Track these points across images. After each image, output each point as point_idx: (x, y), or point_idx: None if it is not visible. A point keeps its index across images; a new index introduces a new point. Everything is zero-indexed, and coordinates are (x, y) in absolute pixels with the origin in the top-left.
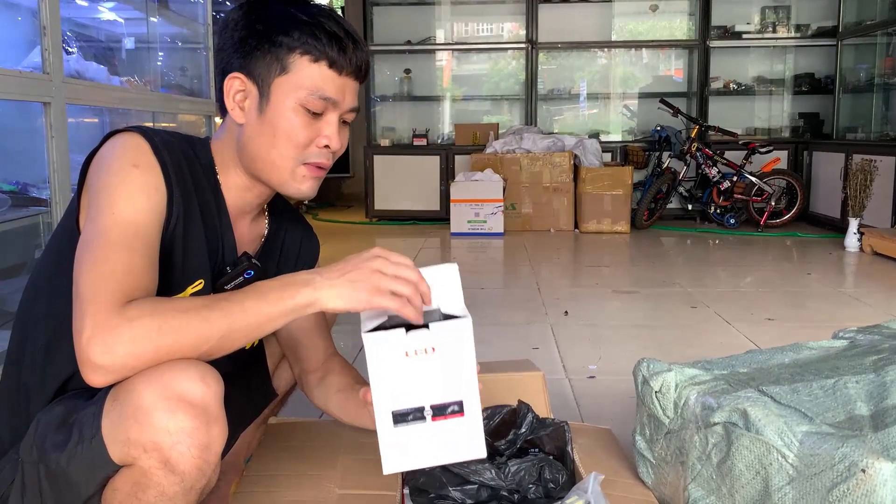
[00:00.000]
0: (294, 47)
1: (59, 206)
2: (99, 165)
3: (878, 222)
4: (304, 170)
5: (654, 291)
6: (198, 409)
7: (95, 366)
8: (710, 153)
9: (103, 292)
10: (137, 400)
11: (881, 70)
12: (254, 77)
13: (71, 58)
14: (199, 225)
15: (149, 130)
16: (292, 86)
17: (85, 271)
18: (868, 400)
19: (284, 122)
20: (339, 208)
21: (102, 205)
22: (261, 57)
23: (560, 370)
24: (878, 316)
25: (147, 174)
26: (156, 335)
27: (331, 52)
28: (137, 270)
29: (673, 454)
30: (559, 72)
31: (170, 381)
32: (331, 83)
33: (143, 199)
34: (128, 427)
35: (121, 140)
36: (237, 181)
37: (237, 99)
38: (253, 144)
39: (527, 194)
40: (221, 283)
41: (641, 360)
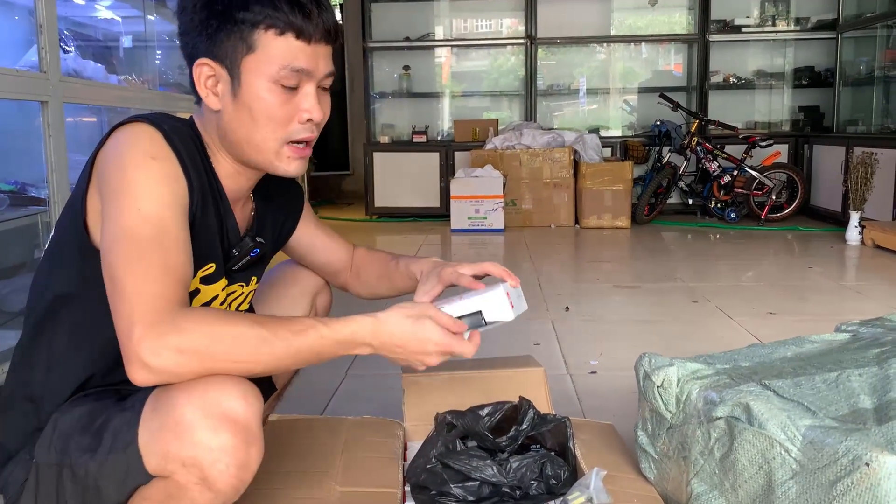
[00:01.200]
0: (257, 23)
1: (58, 206)
2: (111, 160)
3: (880, 215)
4: (289, 150)
5: (655, 286)
6: (239, 427)
7: (143, 364)
8: (710, 147)
9: (149, 292)
10: (179, 414)
11: (881, 63)
12: (221, 60)
13: (68, 56)
14: (210, 210)
15: (155, 119)
16: (262, 64)
17: (123, 272)
18: (871, 393)
19: (260, 102)
20: (339, 206)
21: (124, 202)
22: (225, 38)
23: (561, 366)
24: (880, 309)
25: (166, 165)
26: (203, 353)
27: (295, 21)
28: (173, 265)
29: (675, 449)
30: (558, 67)
31: (214, 398)
32: (301, 54)
33: (166, 192)
34: (168, 441)
35: (131, 131)
36: (227, 168)
37: (209, 85)
38: (232, 129)
39: (527, 190)
40: (230, 266)
41: (643, 354)
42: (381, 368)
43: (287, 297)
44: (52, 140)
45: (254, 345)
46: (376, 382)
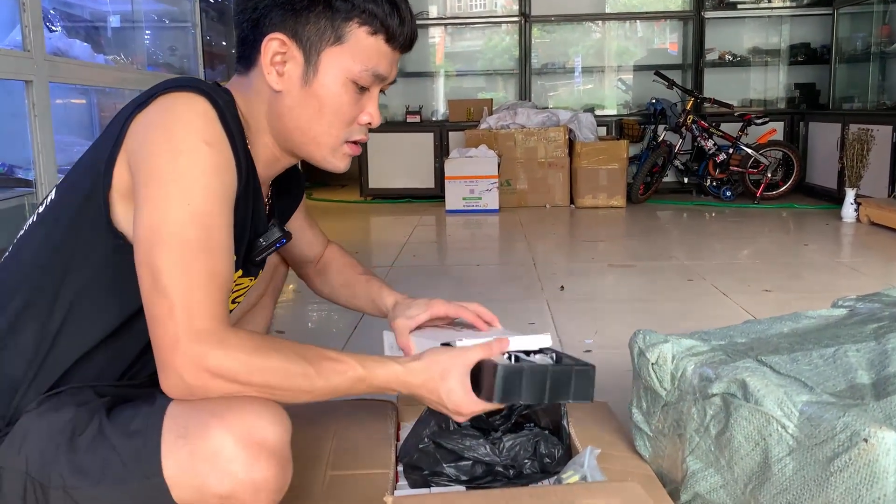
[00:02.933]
0: (352, 15)
1: (44, 187)
2: (159, 137)
3: (875, 192)
4: (347, 148)
5: (650, 265)
6: (276, 456)
7: (181, 378)
8: (705, 125)
9: (196, 303)
10: (216, 445)
11: (877, 39)
12: (300, 41)
13: (54, 35)
14: (249, 198)
15: (207, 90)
16: (345, 58)
17: (169, 276)
18: (869, 368)
19: (333, 97)
20: (333, 187)
21: (174, 193)
22: (313, 20)
23: (556, 345)
24: (876, 285)
25: (220, 152)
26: (244, 380)
27: (390, 24)
28: (220, 272)
29: (670, 427)
30: (553, 46)
31: (250, 426)
32: (385, 59)
33: (218, 187)
34: (202, 473)
35: (182, 104)
36: (266, 153)
37: (276, 62)
38: (292, 115)
39: (522, 170)
40: (254, 256)
41: (637, 331)
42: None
43: None
44: (37, 120)
45: (297, 382)
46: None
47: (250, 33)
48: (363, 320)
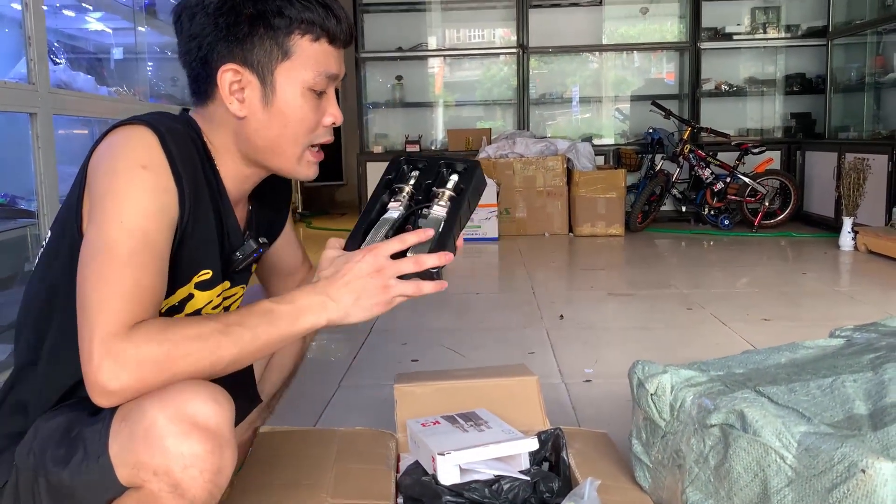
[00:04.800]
0: (292, 29)
1: (47, 218)
2: (102, 165)
3: (872, 221)
4: (310, 154)
5: (649, 293)
6: (210, 432)
7: (104, 390)
8: (702, 155)
9: (113, 313)
10: (148, 422)
11: (871, 69)
12: (251, 66)
13: (58, 68)
14: (208, 215)
15: (153, 120)
16: (297, 70)
17: (92, 287)
18: (866, 399)
19: (296, 110)
20: (333, 216)
21: (109, 211)
22: (258, 44)
23: (556, 374)
24: (874, 314)
25: (156, 175)
26: (164, 361)
27: (329, 25)
28: (146, 286)
29: (670, 457)
30: (551, 76)
31: (182, 404)
32: (332, 59)
33: (152, 205)
34: (138, 450)
35: (125, 135)
36: (235, 171)
37: (234, 90)
38: (260, 137)
39: (521, 198)
40: (235, 268)
41: (636, 362)
42: (374, 379)
43: None
44: (41, 152)
45: (213, 340)
46: (369, 393)
47: (202, 70)
48: (363, 349)
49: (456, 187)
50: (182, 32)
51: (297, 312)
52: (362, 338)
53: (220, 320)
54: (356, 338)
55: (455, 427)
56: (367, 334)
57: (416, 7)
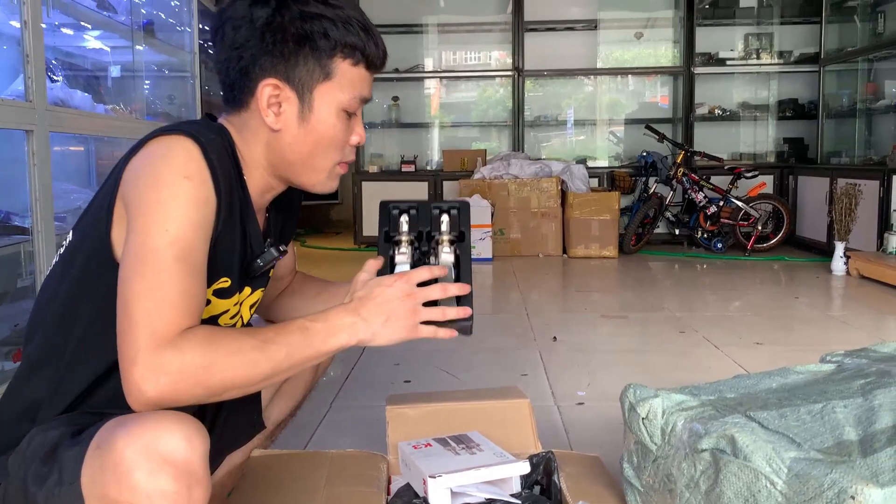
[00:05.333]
0: (335, 51)
1: (42, 235)
2: (144, 174)
3: (864, 246)
4: (339, 169)
5: (642, 316)
6: (180, 470)
7: (142, 395)
8: (696, 178)
9: (161, 320)
10: (118, 456)
11: (863, 95)
12: (292, 82)
13: (55, 86)
14: (236, 224)
15: (193, 130)
16: (335, 91)
17: (138, 295)
18: (856, 424)
19: (329, 128)
20: (328, 235)
21: (153, 220)
22: (301, 62)
23: (549, 397)
24: (865, 339)
25: (199, 186)
26: (204, 373)
27: (368, 51)
28: (191, 294)
29: (661, 482)
30: (546, 99)
31: (153, 440)
32: (367, 83)
33: (195, 216)
34: (106, 483)
35: (167, 144)
36: (260, 181)
37: (271, 103)
38: (293, 151)
39: (515, 219)
40: (253, 273)
41: (628, 386)
42: (366, 400)
43: None
44: (36, 169)
45: (251, 356)
46: (360, 414)
47: (238, 79)
48: (355, 370)
49: (454, 228)
50: (223, 41)
51: (331, 331)
52: (355, 358)
53: (257, 336)
54: (348, 358)
55: (447, 450)
56: (359, 355)
57: (413, 29)
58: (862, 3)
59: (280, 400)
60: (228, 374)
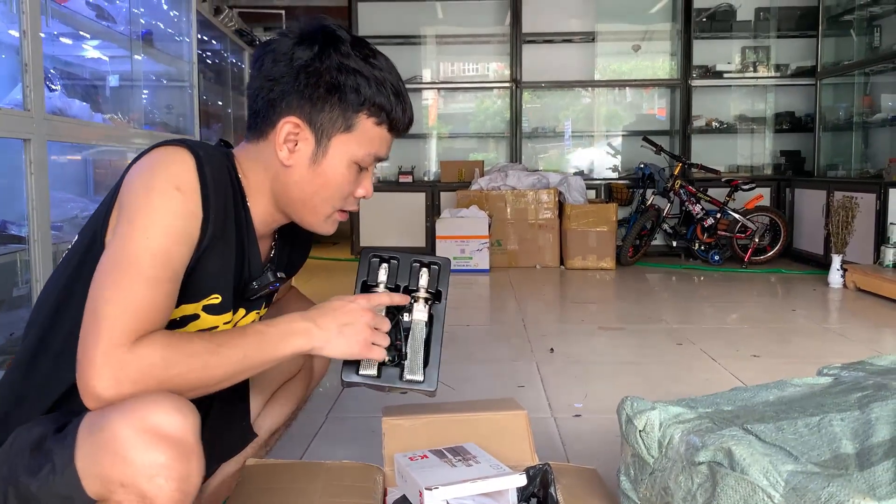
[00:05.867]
0: (362, 108)
1: (38, 244)
2: (138, 180)
3: (861, 259)
4: (338, 215)
5: (639, 328)
6: (175, 441)
7: (99, 397)
8: (693, 190)
9: (122, 325)
10: (113, 434)
11: (859, 108)
12: (313, 126)
13: (54, 95)
14: (230, 243)
15: (195, 145)
16: (352, 145)
17: (106, 298)
18: (853, 438)
19: (337, 176)
20: (325, 245)
21: (136, 226)
22: (328, 110)
23: (546, 408)
24: (862, 351)
25: (187, 199)
26: (162, 375)
27: (395, 115)
28: (158, 305)
29: (658, 495)
30: (543, 110)
31: (146, 414)
32: (385, 144)
33: (179, 227)
34: (102, 462)
35: (165, 154)
36: (264, 210)
37: (288, 139)
38: (298, 188)
39: (512, 231)
40: (249, 296)
41: (625, 398)
42: (362, 412)
43: None
44: (33, 178)
45: (205, 358)
46: (356, 426)
47: (264, 109)
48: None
49: (432, 285)
50: (260, 70)
51: (285, 334)
52: None
53: (212, 340)
54: None
55: (443, 461)
56: None
57: (412, 40)
58: (858, 17)
59: (272, 408)
60: (186, 377)
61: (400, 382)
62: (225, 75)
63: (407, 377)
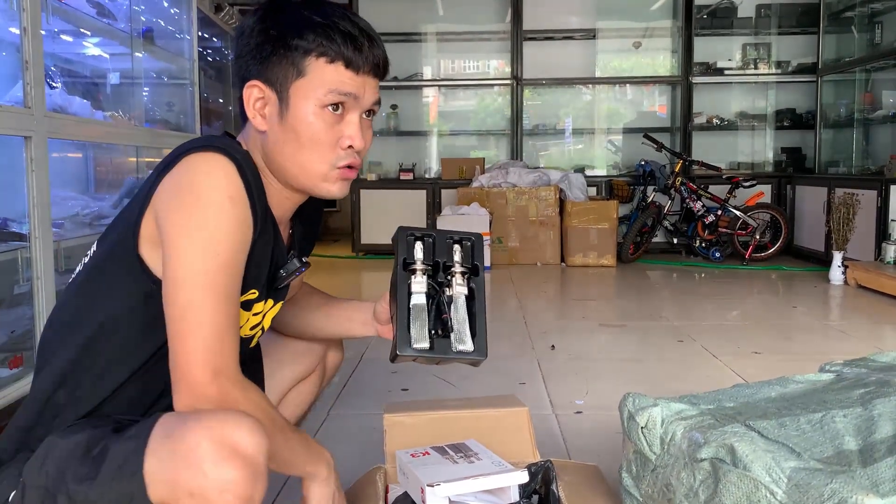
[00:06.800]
0: (309, 50)
1: (39, 241)
2: (187, 192)
3: (862, 255)
4: (337, 173)
5: (640, 325)
6: (249, 461)
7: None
8: (694, 187)
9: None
10: (192, 444)
11: (860, 105)
12: (272, 83)
13: (54, 92)
14: (265, 238)
15: (225, 146)
16: (310, 88)
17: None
18: (856, 434)
19: (307, 126)
20: (326, 242)
21: (204, 243)
22: (277, 63)
23: (547, 405)
24: (863, 348)
25: (241, 207)
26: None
27: (346, 52)
28: (235, 314)
29: (660, 491)
30: (544, 107)
31: (227, 431)
32: (349, 80)
33: (240, 238)
34: (178, 469)
35: (206, 163)
36: (274, 191)
37: (257, 107)
38: (279, 152)
39: (513, 228)
40: (277, 285)
41: (627, 394)
42: (363, 408)
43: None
44: (34, 175)
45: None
46: (357, 423)
47: (241, 88)
48: (353, 378)
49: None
50: (233, 55)
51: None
52: (352, 367)
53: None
54: (346, 366)
55: (445, 458)
56: (357, 363)
57: (412, 37)
58: (859, 13)
59: (284, 411)
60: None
61: (452, 353)
62: (225, 73)
63: (457, 348)
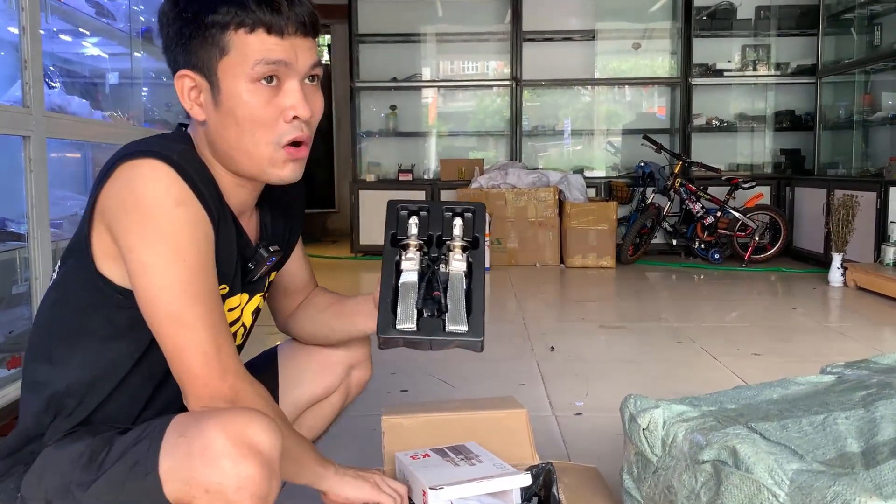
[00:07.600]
0: (226, 23)
1: (38, 242)
2: (131, 207)
3: (862, 257)
4: (284, 153)
5: (640, 326)
6: (265, 460)
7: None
8: (693, 189)
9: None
10: (209, 441)
11: (860, 107)
12: (199, 69)
13: (53, 92)
14: (223, 232)
15: (160, 151)
16: (237, 65)
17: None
18: (858, 436)
19: (243, 105)
20: (324, 243)
21: (167, 255)
22: (199, 45)
23: (546, 407)
24: (863, 350)
25: (192, 208)
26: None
27: (264, 17)
28: (222, 311)
29: (661, 493)
30: (543, 108)
31: (243, 428)
32: (276, 47)
33: (202, 237)
34: (194, 466)
35: (142, 172)
36: (226, 181)
37: (192, 97)
38: (221, 139)
39: (512, 229)
40: (250, 279)
41: (628, 396)
42: (362, 409)
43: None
44: (33, 175)
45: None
46: (356, 424)
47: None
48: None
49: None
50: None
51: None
52: None
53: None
54: None
55: (446, 461)
56: None
57: (411, 38)
58: (859, 15)
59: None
60: None
61: (442, 334)
62: None
63: (450, 328)
